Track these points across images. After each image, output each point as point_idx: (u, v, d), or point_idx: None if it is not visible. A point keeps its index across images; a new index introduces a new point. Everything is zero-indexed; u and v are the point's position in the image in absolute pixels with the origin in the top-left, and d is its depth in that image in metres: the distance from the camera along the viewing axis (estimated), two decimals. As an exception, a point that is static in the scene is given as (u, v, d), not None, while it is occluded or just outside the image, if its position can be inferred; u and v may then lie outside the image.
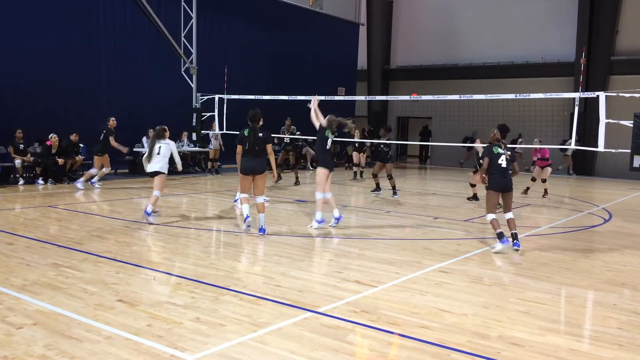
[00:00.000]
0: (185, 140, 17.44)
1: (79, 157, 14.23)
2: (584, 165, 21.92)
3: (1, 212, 9.51)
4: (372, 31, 27.04)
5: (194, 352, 3.92)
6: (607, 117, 11.16)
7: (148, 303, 4.92)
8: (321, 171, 8.79)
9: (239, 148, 8.15)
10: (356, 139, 18.94)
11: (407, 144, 28.65)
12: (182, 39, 17.28)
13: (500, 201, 7.63)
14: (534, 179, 13.91)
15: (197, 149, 17.45)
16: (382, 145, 13.16)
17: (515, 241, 7.46)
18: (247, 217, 8.17)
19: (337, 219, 8.88)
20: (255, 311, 4.79)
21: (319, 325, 4.52)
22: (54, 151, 13.50)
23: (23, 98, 14.18)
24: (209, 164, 17.62)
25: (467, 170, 18.94)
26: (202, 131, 17.36)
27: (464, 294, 5.54)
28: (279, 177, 14.48)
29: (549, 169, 13.98)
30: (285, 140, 17.60)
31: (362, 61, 26.55)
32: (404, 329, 4.51)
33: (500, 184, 7.52)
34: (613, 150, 11.47)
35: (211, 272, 6.04)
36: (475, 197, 12.87)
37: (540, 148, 13.92)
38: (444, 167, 24.39)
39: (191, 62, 17.41)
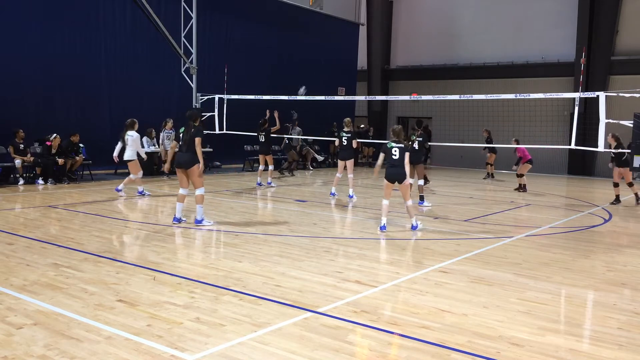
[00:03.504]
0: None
1: (79, 157, 14.23)
2: (583, 165, 21.93)
3: (1, 212, 9.51)
4: (372, 31, 27.04)
5: (194, 352, 3.92)
6: (607, 117, 11.19)
7: (148, 303, 4.92)
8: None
9: (174, 144, 8.89)
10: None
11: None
12: (182, 39, 17.27)
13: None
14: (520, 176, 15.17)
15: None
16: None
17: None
18: (175, 218, 8.73)
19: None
20: (255, 311, 4.79)
21: (319, 325, 4.51)
22: (54, 151, 13.51)
23: (23, 98, 14.19)
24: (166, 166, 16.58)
25: (466, 169, 18.95)
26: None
27: (464, 294, 5.54)
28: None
29: (529, 166, 14.99)
30: (285, 141, 17.74)
31: (362, 61, 26.56)
32: (404, 329, 4.51)
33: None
34: (613, 150, 11.49)
35: (211, 272, 6.04)
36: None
37: (517, 148, 15.19)
38: (444, 167, 24.39)
39: (191, 62, 17.40)
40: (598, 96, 11.43)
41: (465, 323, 4.68)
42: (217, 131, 17.03)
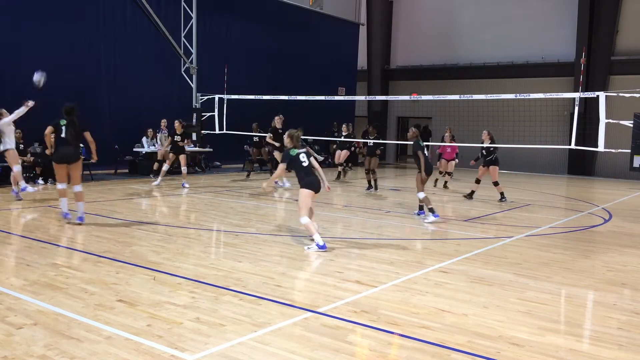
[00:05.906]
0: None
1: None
2: (584, 165, 21.93)
3: (1, 212, 9.51)
4: (372, 31, 27.04)
5: (194, 352, 3.92)
6: (607, 117, 11.19)
7: (148, 303, 4.92)
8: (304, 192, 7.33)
9: (53, 135, 8.47)
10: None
11: (407, 144, 28.68)
12: (182, 39, 17.29)
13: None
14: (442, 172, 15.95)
15: (197, 149, 17.44)
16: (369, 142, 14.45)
17: None
18: (66, 214, 8.45)
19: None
20: (255, 311, 4.79)
21: (319, 325, 4.51)
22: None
23: (23, 98, 14.15)
24: (155, 165, 15.31)
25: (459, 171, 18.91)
26: (202, 131, 17.37)
27: (464, 294, 5.54)
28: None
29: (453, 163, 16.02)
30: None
31: (362, 61, 26.55)
32: (404, 329, 4.51)
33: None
34: (613, 150, 11.49)
35: (211, 272, 6.04)
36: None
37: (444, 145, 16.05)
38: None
39: (191, 62, 17.41)
40: (598, 96, 11.43)
41: (465, 323, 4.68)
42: (217, 131, 17.04)
